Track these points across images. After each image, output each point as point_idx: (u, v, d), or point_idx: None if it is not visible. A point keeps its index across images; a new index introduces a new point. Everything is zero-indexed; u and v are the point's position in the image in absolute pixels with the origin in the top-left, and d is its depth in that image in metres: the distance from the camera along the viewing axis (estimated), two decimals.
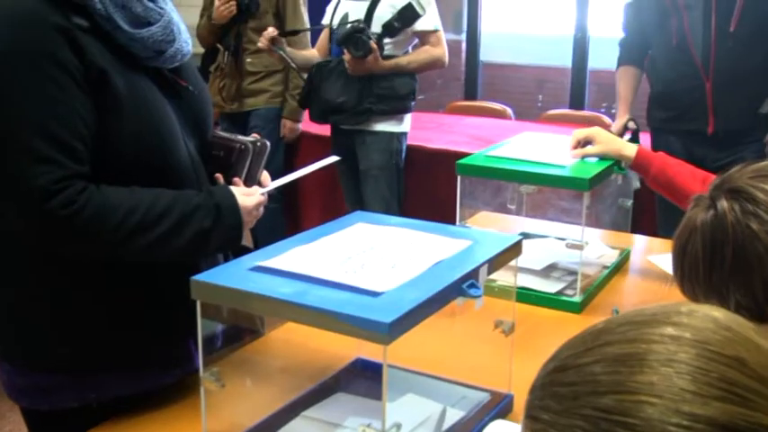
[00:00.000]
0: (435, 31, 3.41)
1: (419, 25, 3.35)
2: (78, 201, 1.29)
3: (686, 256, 1.05)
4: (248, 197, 1.48)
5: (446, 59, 3.45)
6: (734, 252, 0.98)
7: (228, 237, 1.45)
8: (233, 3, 3.65)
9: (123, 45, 1.37)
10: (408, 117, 3.47)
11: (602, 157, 1.96)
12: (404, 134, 3.49)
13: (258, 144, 1.56)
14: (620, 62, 3.02)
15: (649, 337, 0.58)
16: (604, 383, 0.57)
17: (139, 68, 1.40)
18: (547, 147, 2.11)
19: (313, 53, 3.58)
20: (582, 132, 2.00)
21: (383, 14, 3.28)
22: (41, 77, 1.29)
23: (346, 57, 3.25)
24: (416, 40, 3.44)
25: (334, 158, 1.74)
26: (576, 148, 1.99)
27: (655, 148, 2.81)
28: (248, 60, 3.83)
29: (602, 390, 0.56)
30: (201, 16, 3.90)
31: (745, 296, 0.98)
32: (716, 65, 2.64)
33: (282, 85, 3.87)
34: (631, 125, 2.64)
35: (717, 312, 0.61)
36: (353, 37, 3.20)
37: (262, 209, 1.53)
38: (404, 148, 3.52)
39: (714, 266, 1.01)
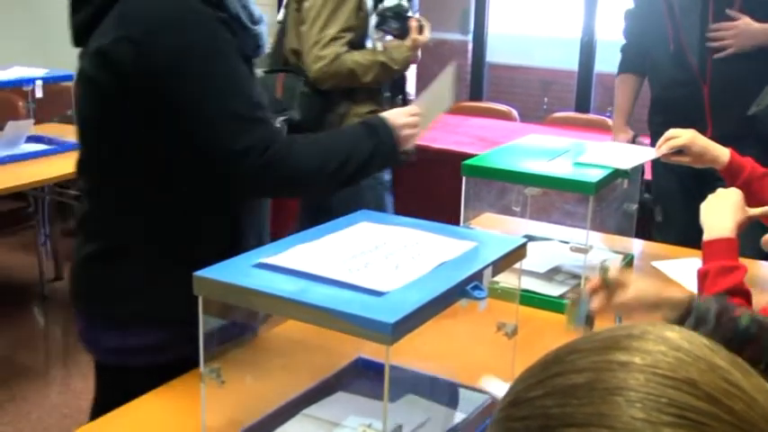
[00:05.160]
0: None
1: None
2: (282, 152, 1.51)
3: None
4: (397, 116, 1.69)
5: None
6: None
7: (388, 153, 1.66)
8: None
9: (240, 39, 1.55)
10: None
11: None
12: None
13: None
14: (621, 69, 3.02)
15: (598, 366, 0.56)
16: (555, 417, 0.54)
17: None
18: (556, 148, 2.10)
19: None
20: (678, 141, 1.94)
21: None
22: (232, 60, 1.51)
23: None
24: None
25: (452, 68, 1.85)
26: (667, 149, 1.96)
27: None
28: None
29: (553, 424, 0.54)
30: None
31: None
32: (712, 69, 2.64)
33: None
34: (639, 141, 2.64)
35: (670, 332, 0.58)
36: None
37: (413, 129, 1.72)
38: None
39: None
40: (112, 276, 1.57)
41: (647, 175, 2.85)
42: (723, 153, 1.89)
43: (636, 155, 2.09)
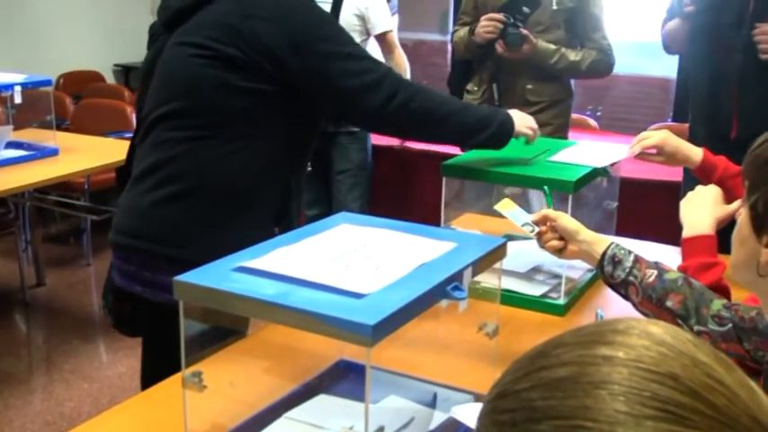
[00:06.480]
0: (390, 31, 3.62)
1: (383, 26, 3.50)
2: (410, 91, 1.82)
3: None
4: (524, 117, 1.98)
5: None
6: None
7: (500, 124, 1.92)
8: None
9: None
10: None
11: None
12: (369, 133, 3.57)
13: None
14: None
15: (583, 359, 0.57)
16: (540, 409, 0.56)
17: None
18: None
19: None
20: (650, 141, 1.93)
21: (346, 16, 3.31)
22: (339, 27, 1.88)
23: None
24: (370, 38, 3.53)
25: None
26: (640, 149, 1.94)
27: None
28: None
29: (538, 416, 0.55)
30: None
31: None
32: (744, 68, 2.58)
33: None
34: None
35: (654, 327, 0.59)
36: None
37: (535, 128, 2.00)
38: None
39: None
40: (184, 219, 1.75)
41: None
42: (696, 153, 1.90)
43: (611, 154, 2.11)
